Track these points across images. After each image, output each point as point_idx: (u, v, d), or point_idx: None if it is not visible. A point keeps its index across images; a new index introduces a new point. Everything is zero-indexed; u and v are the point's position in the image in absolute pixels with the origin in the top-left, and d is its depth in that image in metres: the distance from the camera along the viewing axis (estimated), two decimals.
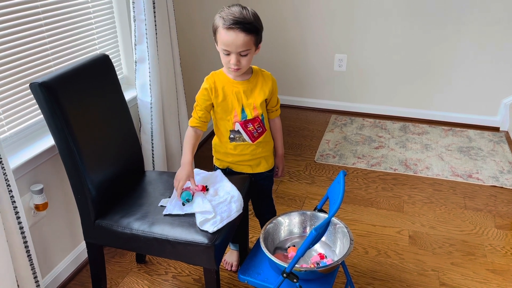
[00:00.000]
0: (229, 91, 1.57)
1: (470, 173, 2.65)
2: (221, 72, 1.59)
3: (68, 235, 1.87)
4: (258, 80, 1.61)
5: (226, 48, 1.46)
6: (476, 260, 1.98)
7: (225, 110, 1.58)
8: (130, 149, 1.73)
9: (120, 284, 1.86)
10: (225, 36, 1.44)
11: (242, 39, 1.44)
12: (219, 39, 1.47)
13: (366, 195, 2.46)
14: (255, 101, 1.59)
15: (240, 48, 1.45)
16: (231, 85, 1.57)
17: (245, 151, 1.65)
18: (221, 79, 1.58)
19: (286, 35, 3.43)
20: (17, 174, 1.53)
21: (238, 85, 1.58)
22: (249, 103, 1.59)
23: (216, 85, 1.57)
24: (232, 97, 1.57)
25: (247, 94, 1.58)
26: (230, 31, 1.43)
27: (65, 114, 1.41)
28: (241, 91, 1.57)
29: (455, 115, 3.28)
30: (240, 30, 1.43)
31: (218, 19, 1.47)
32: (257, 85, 1.60)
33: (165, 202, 1.57)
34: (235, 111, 1.58)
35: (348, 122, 3.35)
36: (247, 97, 1.58)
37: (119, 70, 2.19)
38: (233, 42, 1.44)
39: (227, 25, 1.43)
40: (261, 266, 1.45)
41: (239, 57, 1.47)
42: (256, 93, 1.60)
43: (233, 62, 1.48)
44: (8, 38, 1.53)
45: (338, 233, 1.50)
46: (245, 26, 1.43)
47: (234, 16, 1.43)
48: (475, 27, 3.00)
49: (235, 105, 1.58)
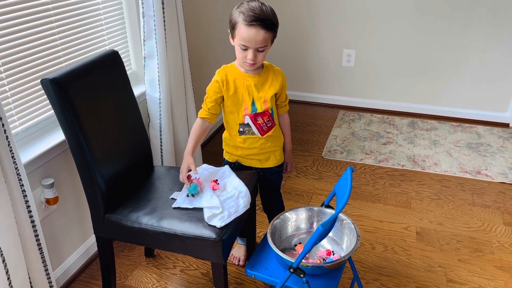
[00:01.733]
0: (240, 84, 1.58)
1: (479, 170, 2.63)
2: (233, 65, 1.60)
3: (78, 228, 1.90)
4: (269, 75, 1.62)
5: (245, 43, 1.46)
6: (483, 257, 1.97)
7: (236, 103, 1.59)
8: (139, 144, 1.75)
9: (129, 277, 1.89)
10: (245, 32, 1.44)
11: (262, 36, 1.45)
12: (237, 34, 1.47)
13: (374, 191, 2.46)
14: (266, 94, 1.60)
15: (259, 44, 1.46)
16: (243, 78, 1.58)
17: (254, 144, 1.66)
18: (232, 72, 1.59)
19: (295, 30, 3.42)
20: (28, 169, 1.55)
21: (249, 79, 1.58)
22: (260, 97, 1.59)
23: (227, 78, 1.57)
24: (243, 90, 1.58)
25: (258, 87, 1.59)
26: (251, 28, 1.43)
27: (75, 109, 1.43)
28: (252, 85, 1.58)
29: (464, 111, 3.26)
30: (261, 27, 1.44)
31: (237, 14, 1.47)
32: (268, 79, 1.61)
33: (176, 195, 1.59)
34: (245, 104, 1.59)
35: (356, 117, 3.35)
36: (258, 91, 1.59)
37: (128, 66, 2.21)
38: (253, 38, 1.45)
39: (248, 22, 1.43)
40: (268, 261, 1.46)
41: (256, 52, 1.48)
42: (266, 87, 1.61)
43: (250, 58, 1.49)
44: (19, 34, 1.55)
45: (345, 229, 1.51)
46: (266, 23, 1.44)
47: (255, 13, 1.43)
48: (485, 22, 2.97)
49: (245, 98, 1.59)
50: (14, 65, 1.55)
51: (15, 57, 1.55)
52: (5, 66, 1.52)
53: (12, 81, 1.56)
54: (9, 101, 1.56)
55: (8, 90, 1.55)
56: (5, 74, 1.52)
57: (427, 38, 3.13)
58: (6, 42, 1.51)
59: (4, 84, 1.53)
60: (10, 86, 1.55)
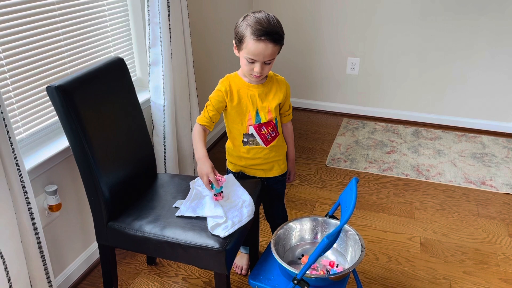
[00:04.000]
0: (244, 94, 1.57)
1: (484, 180, 2.62)
2: (236, 75, 1.60)
3: (80, 235, 1.89)
4: (273, 84, 1.61)
5: (253, 57, 1.45)
6: (488, 269, 1.95)
7: (239, 113, 1.59)
8: (143, 151, 1.75)
9: (131, 285, 1.88)
10: (253, 46, 1.43)
11: (270, 50, 1.44)
12: (245, 48, 1.45)
13: (377, 200, 2.45)
14: (270, 104, 1.59)
15: (267, 57, 1.46)
16: (246, 89, 1.57)
17: (258, 154, 1.65)
18: (236, 82, 1.58)
19: (299, 38, 3.42)
20: (32, 175, 1.55)
21: (253, 89, 1.58)
22: (264, 107, 1.59)
23: (231, 88, 1.57)
24: (246, 100, 1.57)
25: (262, 97, 1.59)
26: (260, 42, 1.42)
27: (80, 116, 1.43)
28: (256, 95, 1.58)
29: (469, 120, 3.24)
30: (270, 41, 1.43)
31: (244, 27, 1.45)
32: (271, 89, 1.61)
33: (179, 204, 1.58)
34: (249, 114, 1.58)
35: (360, 126, 3.34)
36: (262, 101, 1.59)
37: (132, 73, 2.21)
38: (261, 52, 1.44)
39: (256, 36, 1.42)
40: (271, 272, 1.45)
41: (263, 65, 1.48)
42: (270, 97, 1.60)
43: (258, 71, 1.47)
44: (25, 41, 1.55)
45: (349, 240, 1.50)
46: (274, 36, 1.43)
47: (263, 26, 1.42)
48: (490, 32, 2.96)
49: (249, 108, 1.58)
50: (19, 71, 1.55)
51: (21, 63, 1.55)
52: (10, 72, 1.52)
53: (18, 87, 1.56)
54: (14, 107, 1.56)
55: (13, 96, 1.55)
56: (11, 80, 1.52)
57: (432, 47, 3.12)
58: (12, 48, 1.51)
59: (9, 90, 1.53)
60: (15, 92, 1.55)
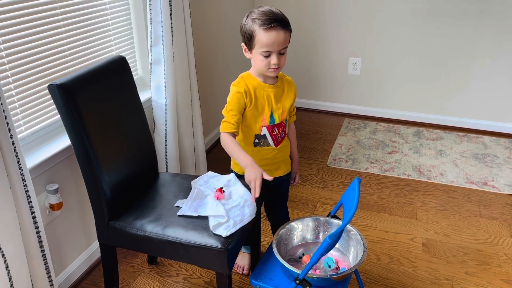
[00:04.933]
0: (259, 94, 1.55)
1: (486, 181, 2.61)
2: (250, 75, 1.57)
3: (81, 234, 1.89)
4: (284, 85, 1.61)
5: (268, 49, 1.44)
6: (490, 270, 1.95)
7: (255, 114, 1.56)
8: (144, 150, 1.74)
9: (132, 285, 1.87)
10: (265, 37, 1.42)
11: (282, 36, 1.43)
12: (257, 42, 1.44)
13: (379, 200, 2.44)
14: (284, 105, 1.59)
15: (281, 45, 1.44)
16: (262, 89, 1.55)
17: (267, 155, 1.64)
18: (251, 82, 1.55)
19: (301, 38, 3.41)
20: (33, 174, 1.54)
21: (269, 89, 1.56)
22: (278, 107, 1.58)
23: (249, 88, 1.53)
24: (262, 101, 1.55)
25: (277, 98, 1.57)
26: (271, 31, 1.41)
27: (82, 115, 1.42)
28: (271, 95, 1.56)
29: (471, 121, 3.24)
30: (280, 27, 1.42)
31: (251, 22, 1.44)
32: (284, 90, 1.60)
33: (181, 203, 1.57)
34: (264, 115, 1.56)
35: (362, 126, 3.33)
36: (277, 102, 1.57)
37: (134, 71, 2.20)
38: (275, 41, 1.42)
39: (267, 26, 1.41)
40: (273, 272, 1.44)
41: (279, 55, 1.46)
42: (283, 98, 1.59)
43: (275, 62, 1.45)
44: (28, 39, 1.55)
45: (352, 240, 1.49)
46: (282, 22, 1.43)
47: (269, 16, 1.42)
48: (492, 32, 2.95)
49: (265, 109, 1.56)
50: (21, 69, 1.55)
51: (22, 61, 1.55)
52: (12, 71, 1.51)
53: (19, 85, 1.56)
54: (16, 105, 1.56)
55: (14, 95, 1.54)
56: (12, 78, 1.52)
57: (434, 48, 3.12)
58: (14, 46, 1.50)
59: (11, 89, 1.52)
60: (17, 91, 1.55)
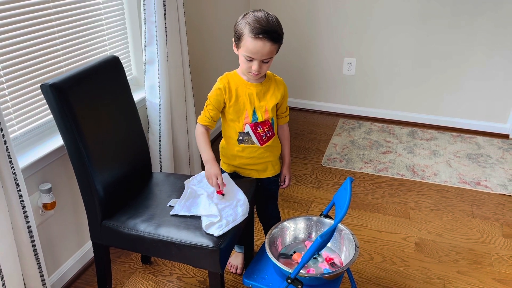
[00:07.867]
0: (242, 92, 1.57)
1: (478, 181, 2.63)
2: (235, 73, 1.60)
3: (74, 234, 1.89)
4: (271, 84, 1.62)
5: (250, 55, 1.45)
6: (482, 269, 1.96)
7: (237, 111, 1.59)
8: (138, 150, 1.74)
9: (125, 284, 1.87)
10: (251, 44, 1.43)
11: (268, 48, 1.44)
12: (243, 46, 1.46)
13: (373, 200, 2.45)
14: (267, 104, 1.60)
15: (265, 56, 1.46)
16: (245, 87, 1.57)
17: (252, 153, 1.65)
18: (235, 80, 1.58)
19: (296, 38, 3.42)
20: (26, 173, 1.54)
21: (252, 87, 1.58)
22: (261, 106, 1.59)
23: (230, 86, 1.57)
24: (244, 98, 1.57)
25: (259, 96, 1.59)
26: (258, 40, 1.42)
27: (75, 115, 1.42)
28: (254, 93, 1.58)
29: (464, 121, 3.26)
30: (268, 39, 1.43)
31: (243, 25, 1.45)
32: (269, 89, 1.61)
33: (173, 203, 1.58)
34: (246, 112, 1.58)
35: (356, 126, 3.34)
36: (260, 100, 1.59)
37: (128, 71, 2.20)
38: (259, 50, 1.44)
39: (254, 34, 1.42)
40: (266, 271, 1.45)
41: (261, 63, 1.48)
42: (268, 97, 1.60)
43: (255, 69, 1.48)
44: (20, 38, 1.55)
45: (343, 239, 1.50)
46: (272, 35, 1.43)
47: (261, 25, 1.42)
48: (486, 33, 2.97)
49: (247, 106, 1.58)
50: (14, 69, 1.54)
51: (15, 61, 1.54)
52: (5, 70, 1.51)
53: (12, 85, 1.55)
54: (8, 105, 1.56)
55: (7, 94, 1.54)
56: (5, 78, 1.52)
57: (428, 48, 3.13)
58: (7, 46, 1.50)
59: (3, 88, 1.52)
60: (9, 90, 1.55)
